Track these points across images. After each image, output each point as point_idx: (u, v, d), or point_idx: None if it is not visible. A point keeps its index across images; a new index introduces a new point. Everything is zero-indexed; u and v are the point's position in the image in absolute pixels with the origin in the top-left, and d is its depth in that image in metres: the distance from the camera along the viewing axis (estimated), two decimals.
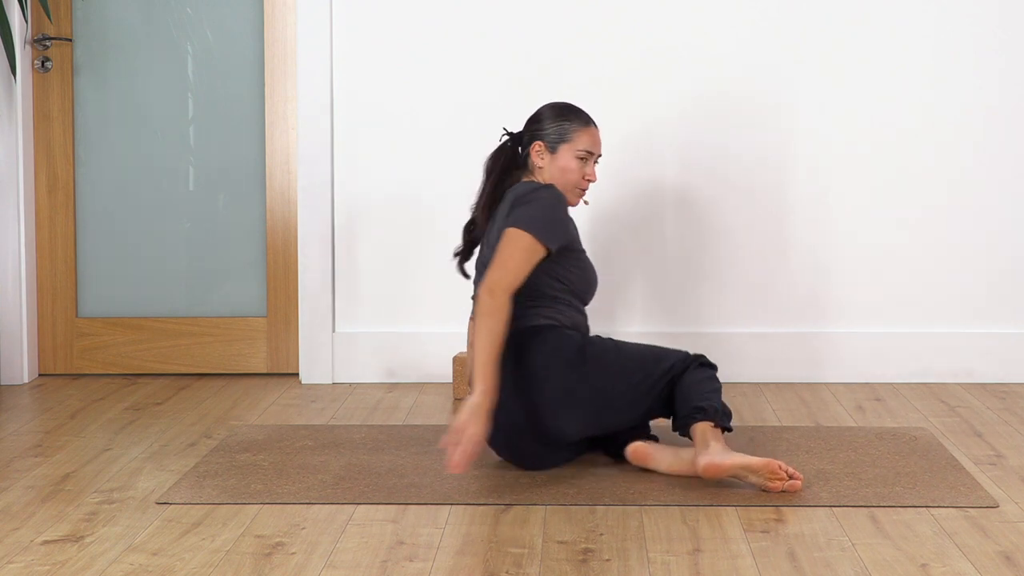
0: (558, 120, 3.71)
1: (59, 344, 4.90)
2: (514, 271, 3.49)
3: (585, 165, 3.70)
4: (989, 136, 4.71)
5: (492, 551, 2.99)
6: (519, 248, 3.51)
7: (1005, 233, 4.74)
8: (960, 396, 4.54)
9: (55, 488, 3.47)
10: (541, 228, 3.53)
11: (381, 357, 4.78)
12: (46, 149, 4.84)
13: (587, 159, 3.70)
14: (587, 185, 3.72)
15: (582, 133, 3.70)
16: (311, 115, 4.73)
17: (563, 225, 3.61)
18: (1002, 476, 3.58)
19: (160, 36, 4.84)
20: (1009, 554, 2.96)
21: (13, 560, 2.94)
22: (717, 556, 2.96)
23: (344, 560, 2.94)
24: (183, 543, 3.05)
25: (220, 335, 4.89)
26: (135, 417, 4.27)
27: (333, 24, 4.73)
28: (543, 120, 3.73)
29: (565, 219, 3.63)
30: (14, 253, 4.76)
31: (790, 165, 4.73)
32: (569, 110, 3.74)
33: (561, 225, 3.60)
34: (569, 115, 3.72)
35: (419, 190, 4.76)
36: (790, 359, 4.76)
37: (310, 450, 3.82)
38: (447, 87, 4.74)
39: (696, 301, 4.76)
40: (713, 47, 4.70)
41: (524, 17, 4.71)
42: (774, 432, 4.01)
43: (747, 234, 4.74)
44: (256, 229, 4.88)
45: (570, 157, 3.69)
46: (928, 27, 4.69)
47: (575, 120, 3.71)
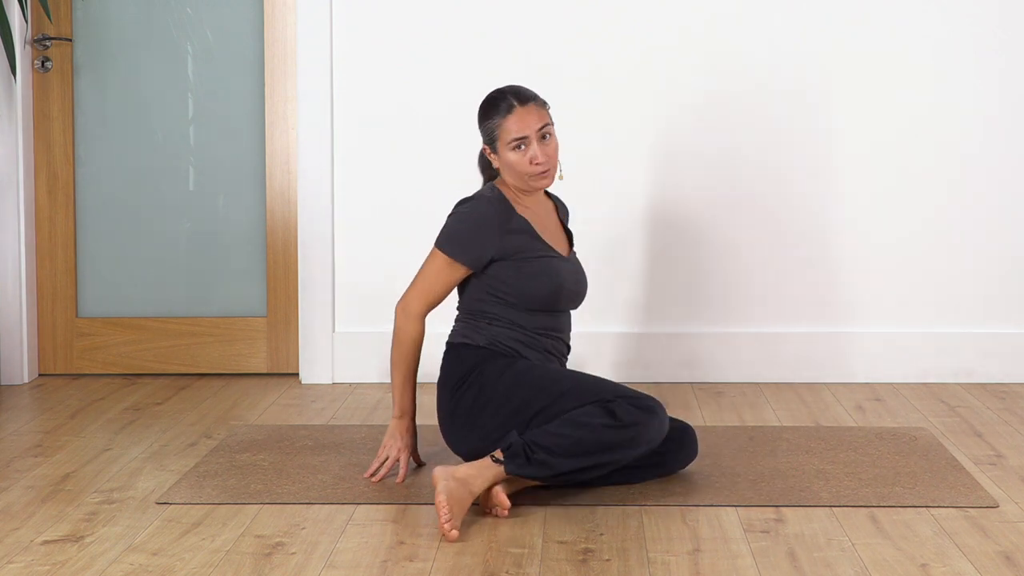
0: (484, 121, 3.51)
1: (59, 344, 4.90)
2: (424, 290, 3.53)
3: (526, 151, 3.45)
4: (989, 137, 4.71)
5: (492, 551, 2.99)
6: (431, 266, 3.53)
7: (1005, 233, 4.74)
8: (960, 396, 4.54)
9: (55, 488, 3.47)
10: (453, 244, 3.49)
11: (381, 357, 4.78)
12: (46, 149, 4.84)
13: (524, 144, 3.45)
14: (538, 169, 3.46)
15: (504, 122, 3.46)
16: (311, 115, 4.73)
17: (477, 239, 3.46)
18: (1002, 476, 3.58)
19: (160, 36, 4.84)
20: (1009, 554, 2.96)
21: (13, 560, 2.94)
22: (717, 556, 2.96)
23: (344, 560, 2.94)
24: (183, 543, 3.04)
25: (220, 335, 4.89)
26: (135, 417, 4.27)
27: (333, 24, 4.73)
28: (478, 125, 3.55)
29: (481, 232, 3.46)
30: (14, 253, 4.76)
31: (791, 165, 4.72)
32: (489, 105, 3.51)
33: (474, 239, 3.47)
34: (489, 111, 3.50)
35: (419, 190, 4.76)
36: (790, 359, 4.76)
37: (310, 450, 3.82)
38: (447, 87, 4.74)
39: (696, 301, 4.76)
40: (714, 47, 4.69)
41: (524, 17, 4.71)
42: (774, 432, 4.01)
43: (747, 234, 4.74)
44: (256, 229, 4.88)
45: (507, 152, 3.47)
46: (929, 27, 4.68)
47: (494, 113, 3.49)
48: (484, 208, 3.50)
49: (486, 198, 3.52)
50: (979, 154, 4.71)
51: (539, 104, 3.51)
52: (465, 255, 3.48)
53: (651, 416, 3.33)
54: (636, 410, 3.31)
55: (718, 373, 4.76)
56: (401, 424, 3.56)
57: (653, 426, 3.33)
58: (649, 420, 3.32)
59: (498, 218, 3.49)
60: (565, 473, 3.27)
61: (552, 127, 3.51)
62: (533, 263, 3.50)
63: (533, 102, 3.50)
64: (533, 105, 3.49)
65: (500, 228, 3.48)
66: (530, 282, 3.49)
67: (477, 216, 3.49)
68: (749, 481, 3.50)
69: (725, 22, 4.69)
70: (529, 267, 3.50)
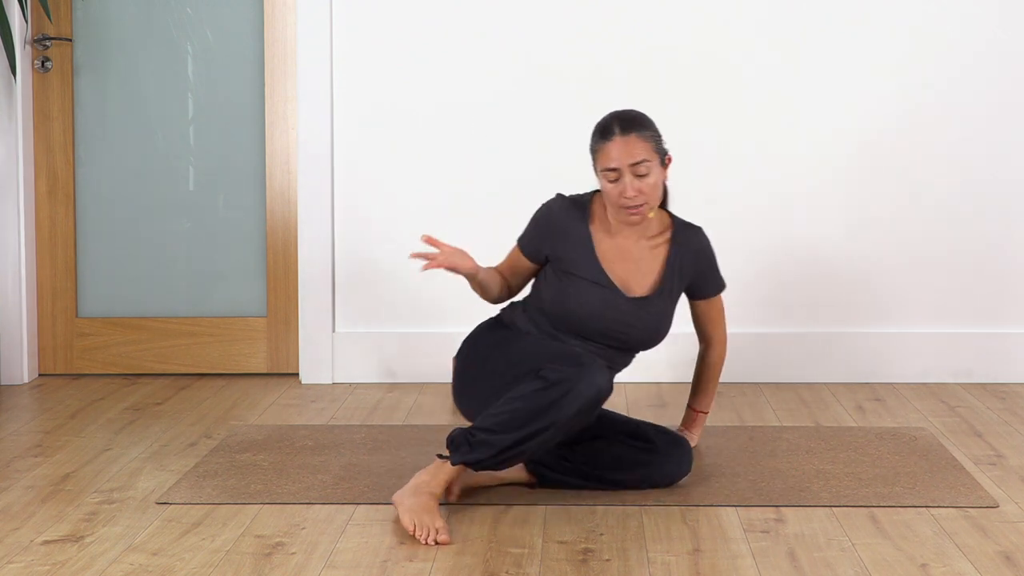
0: (591, 143, 3.43)
1: (59, 344, 4.90)
2: (505, 264, 3.59)
3: (618, 184, 3.34)
4: (989, 137, 4.71)
5: (492, 551, 2.99)
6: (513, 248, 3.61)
7: (1005, 233, 4.74)
8: (960, 396, 4.54)
9: (55, 488, 3.47)
10: (523, 232, 3.56)
11: (381, 357, 4.78)
12: (46, 149, 4.84)
13: (618, 176, 3.35)
14: (630, 203, 3.35)
15: (602, 149, 3.37)
16: (311, 115, 4.73)
17: (535, 234, 3.50)
18: (1002, 476, 3.58)
19: (160, 36, 4.84)
20: (1009, 554, 2.96)
21: (13, 560, 2.94)
22: (717, 556, 2.96)
23: (344, 560, 2.94)
24: (183, 543, 3.05)
25: (220, 335, 4.89)
26: (135, 417, 4.27)
27: (333, 24, 4.73)
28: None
29: (539, 229, 3.49)
30: (14, 253, 4.76)
31: (790, 164, 4.73)
32: (598, 126, 3.42)
33: (533, 233, 3.51)
34: (596, 132, 3.41)
35: (419, 190, 4.76)
36: (790, 359, 4.76)
37: (310, 450, 3.82)
38: (447, 87, 4.74)
39: None
40: (714, 46, 4.70)
41: (524, 17, 4.71)
42: (774, 432, 4.01)
43: (747, 233, 4.74)
44: (256, 229, 4.88)
45: (603, 180, 3.38)
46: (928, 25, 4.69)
47: (596, 137, 3.40)
48: (555, 207, 3.50)
49: (570, 198, 3.51)
50: (979, 155, 4.71)
51: (644, 136, 3.38)
52: (526, 245, 3.54)
53: (580, 369, 3.20)
54: (564, 367, 3.21)
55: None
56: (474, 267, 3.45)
57: (583, 379, 3.18)
58: (578, 374, 3.18)
59: (560, 221, 3.47)
60: (511, 447, 3.18)
61: (652, 163, 3.36)
62: (578, 283, 3.45)
63: (637, 133, 3.36)
64: (635, 137, 3.35)
65: (556, 231, 3.47)
66: (555, 296, 3.46)
67: (545, 212, 3.51)
68: (749, 481, 3.50)
69: (725, 22, 4.69)
70: (571, 284, 3.45)
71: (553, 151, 4.72)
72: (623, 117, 3.40)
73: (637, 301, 3.47)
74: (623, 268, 3.47)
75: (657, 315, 3.49)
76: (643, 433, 3.45)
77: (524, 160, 4.72)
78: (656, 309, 3.49)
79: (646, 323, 3.48)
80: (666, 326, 3.53)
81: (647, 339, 3.51)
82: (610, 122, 3.39)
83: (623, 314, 3.45)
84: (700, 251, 3.56)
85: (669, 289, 3.51)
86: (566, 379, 3.18)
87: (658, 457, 3.42)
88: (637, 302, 3.47)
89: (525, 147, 4.72)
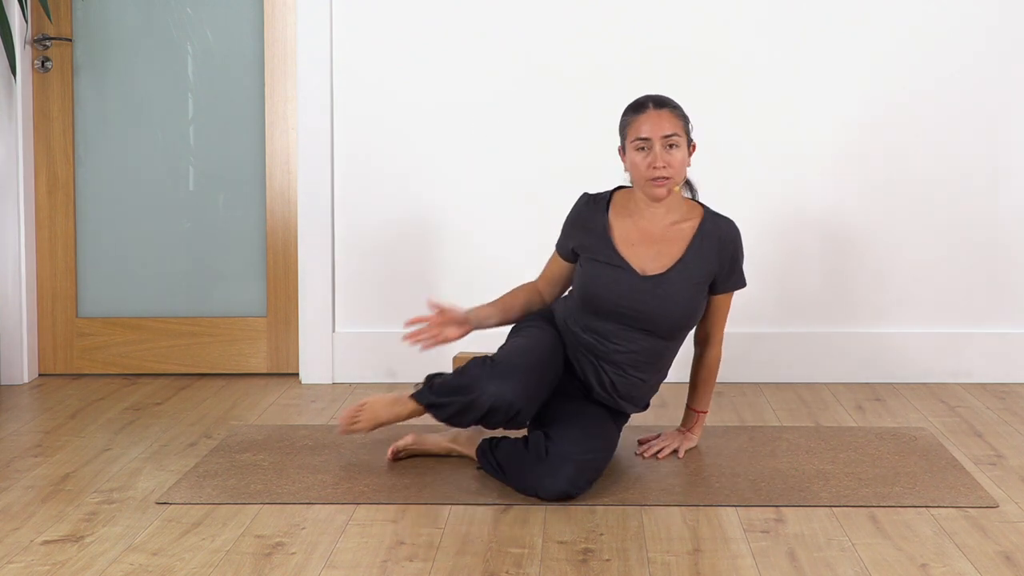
0: (621, 119, 3.56)
1: (59, 344, 4.89)
2: (542, 273, 3.75)
3: (647, 154, 3.47)
4: (989, 137, 4.71)
5: (492, 551, 2.99)
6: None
7: (1005, 233, 4.74)
8: (960, 396, 4.54)
9: (55, 488, 3.47)
10: (559, 237, 3.70)
11: (381, 357, 4.78)
12: (46, 149, 4.84)
13: (647, 147, 3.47)
14: (657, 173, 3.46)
15: (634, 121, 3.50)
16: (311, 115, 4.73)
17: (565, 231, 3.66)
18: (1002, 476, 3.58)
19: (160, 36, 4.84)
20: (1009, 554, 2.96)
21: (13, 560, 2.94)
22: (717, 556, 2.96)
23: (344, 560, 2.94)
24: (183, 543, 3.05)
25: (220, 335, 4.89)
26: (135, 417, 4.27)
27: (333, 24, 4.73)
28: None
29: (568, 225, 3.65)
30: (14, 253, 4.76)
31: (791, 164, 4.73)
32: (630, 104, 3.57)
33: (564, 231, 3.67)
34: (628, 109, 3.56)
35: (419, 190, 4.76)
36: (790, 359, 4.76)
37: (310, 450, 3.82)
38: (447, 87, 4.74)
39: None
40: (714, 46, 4.70)
41: (524, 17, 4.71)
42: (774, 432, 4.01)
43: (746, 233, 4.73)
44: (256, 229, 4.88)
45: (632, 152, 3.50)
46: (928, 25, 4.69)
47: (628, 112, 3.54)
48: (579, 204, 3.67)
49: (592, 195, 3.67)
50: (979, 154, 4.71)
51: (676, 114, 3.52)
52: (560, 246, 3.69)
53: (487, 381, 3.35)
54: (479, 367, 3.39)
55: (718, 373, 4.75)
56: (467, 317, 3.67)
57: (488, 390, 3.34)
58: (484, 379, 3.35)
59: (582, 215, 3.63)
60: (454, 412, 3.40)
61: (682, 139, 3.50)
62: (595, 266, 3.57)
63: (670, 109, 3.51)
64: (668, 111, 3.50)
65: (579, 225, 3.62)
66: (587, 281, 3.58)
67: (571, 211, 3.68)
68: (749, 481, 3.50)
69: (725, 22, 4.69)
70: (589, 267, 3.58)
71: (553, 151, 4.72)
72: (658, 97, 3.56)
73: (651, 279, 3.53)
74: (643, 250, 3.56)
75: (673, 293, 3.52)
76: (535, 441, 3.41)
77: (524, 160, 4.72)
78: (672, 287, 3.52)
79: (661, 300, 3.52)
80: (686, 304, 3.54)
81: (663, 316, 3.52)
82: (645, 100, 3.54)
83: (635, 291, 3.51)
84: (728, 240, 3.60)
85: (688, 269, 3.55)
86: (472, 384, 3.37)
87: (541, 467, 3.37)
88: (651, 280, 3.53)
89: (525, 147, 4.72)
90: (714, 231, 3.57)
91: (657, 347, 3.58)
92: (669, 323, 3.54)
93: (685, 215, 3.59)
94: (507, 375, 3.35)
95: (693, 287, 3.55)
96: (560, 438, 3.38)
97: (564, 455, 3.35)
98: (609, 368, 3.57)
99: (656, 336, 3.56)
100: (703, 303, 3.59)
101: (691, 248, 3.55)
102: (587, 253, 3.59)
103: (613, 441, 3.55)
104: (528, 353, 3.44)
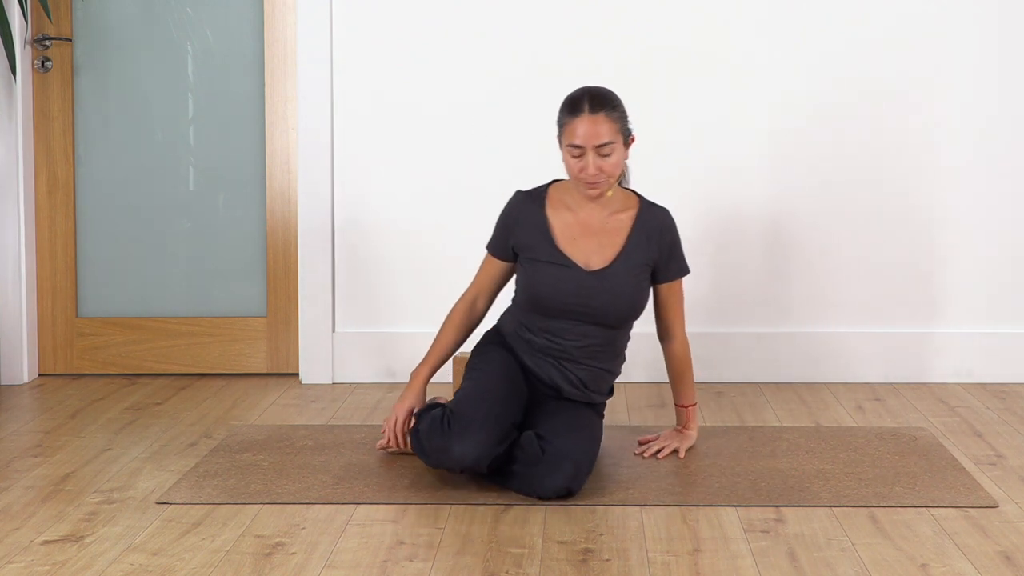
0: (559, 113, 3.52)
1: (59, 344, 4.89)
2: (475, 280, 3.72)
3: (581, 161, 3.45)
4: (989, 137, 4.71)
5: (492, 551, 2.99)
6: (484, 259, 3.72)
7: (1005, 233, 4.74)
8: (960, 396, 4.54)
9: (55, 488, 3.47)
10: (491, 239, 3.68)
11: (381, 357, 4.78)
12: (46, 149, 4.84)
13: (581, 154, 3.45)
14: (588, 179, 3.45)
15: (569, 124, 3.46)
16: (311, 115, 4.73)
17: (500, 230, 3.64)
18: (1002, 476, 3.58)
19: (160, 36, 4.84)
20: (1009, 554, 2.96)
21: (13, 560, 2.94)
22: (717, 556, 2.96)
23: (344, 560, 2.94)
24: (183, 543, 3.04)
25: (220, 335, 4.89)
26: (135, 417, 4.27)
27: (333, 24, 4.73)
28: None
29: (501, 223, 3.63)
30: (14, 253, 4.76)
31: (791, 164, 4.72)
32: (568, 100, 3.50)
33: (498, 231, 3.65)
34: (565, 106, 3.49)
35: (419, 190, 4.76)
36: (790, 359, 4.76)
37: (310, 450, 3.82)
38: (447, 87, 4.74)
39: (696, 301, 4.75)
40: (714, 46, 4.69)
41: (524, 17, 4.71)
42: (774, 432, 4.01)
43: (746, 233, 4.74)
44: (256, 229, 4.88)
45: (565, 152, 3.49)
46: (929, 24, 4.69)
47: (565, 111, 3.48)
48: (513, 202, 3.65)
49: (526, 192, 3.65)
50: (980, 154, 4.71)
51: (611, 117, 3.45)
52: (494, 246, 3.67)
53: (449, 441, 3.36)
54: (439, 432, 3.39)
55: (718, 373, 4.76)
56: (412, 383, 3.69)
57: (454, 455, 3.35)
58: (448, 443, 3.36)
59: (518, 213, 3.62)
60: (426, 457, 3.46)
61: (617, 143, 3.46)
62: (538, 266, 3.57)
63: (605, 113, 3.44)
64: (604, 117, 3.44)
65: (516, 223, 3.61)
66: (530, 280, 3.58)
67: (505, 210, 3.66)
68: (749, 481, 3.50)
69: (725, 21, 4.68)
70: (533, 268, 3.58)
71: (553, 151, 4.69)
72: (594, 94, 3.47)
73: (596, 274, 3.56)
74: (584, 244, 3.57)
75: (619, 284, 3.56)
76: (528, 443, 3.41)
77: (524, 160, 4.72)
78: (618, 280, 3.56)
79: (609, 293, 3.55)
80: (632, 294, 3.57)
81: (613, 308, 3.56)
82: (580, 97, 3.47)
83: (582, 288, 3.54)
84: (664, 228, 3.63)
85: (631, 259, 3.58)
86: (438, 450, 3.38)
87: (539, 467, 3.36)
88: (596, 275, 3.56)
89: (525, 147, 4.72)
90: (651, 220, 3.61)
91: (609, 336, 3.61)
92: (617, 314, 3.57)
93: (622, 205, 3.62)
94: (466, 432, 3.34)
95: (636, 276, 3.59)
96: (553, 436, 3.39)
97: (561, 452, 3.35)
98: (571, 366, 3.59)
99: (606, 326, 3.59)
100: (647, 290, 3.63)
101: (631, 238, 3.59)
102: (528, 253, 3.59)
103: (600, 430, 3.62)
104: (483, 399, 3.41)
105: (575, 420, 3.50)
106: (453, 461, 3.34)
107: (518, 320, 3.64)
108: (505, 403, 3.43)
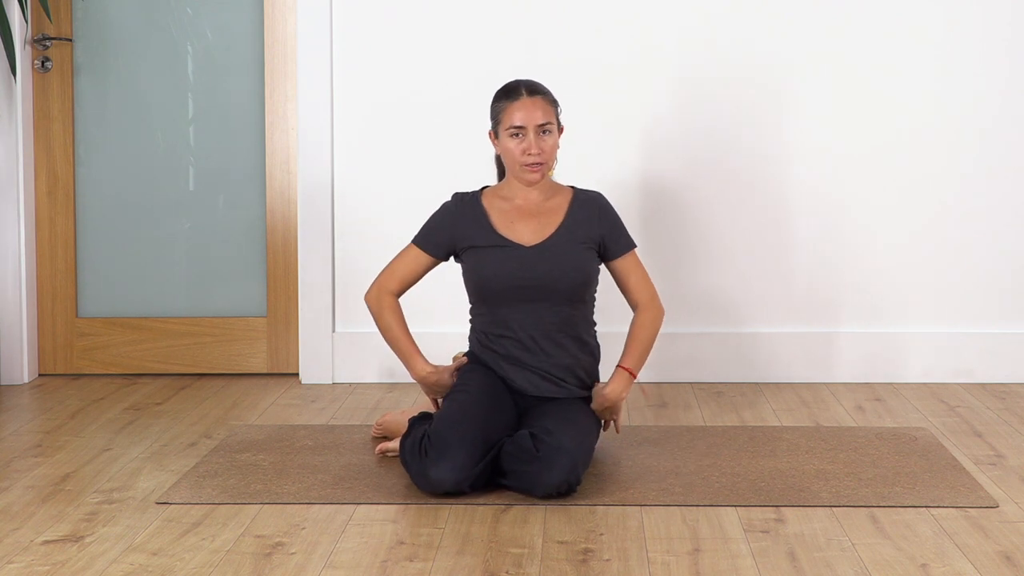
0: (494, 103, 3.62)
1: (59, 344, 4.90)
2: (389, 270, 3.75)
3: (522, 141, 3.56)
4: (991, 137, 4.71)
5: (492, 551, 2.99)
6: (403, 251, 3.75)
7: (1006, 233, 4.74)
8: (960, 396, 4.54)
9: (55, 488, 3.47)
10: (420, 234, 3.72)
11: (381, 357, 4.78)
12: (46, 149, 4.84)
13: (522, 134, 3.56)
14: (532, 160, 3.57)
15: (507, 108, 3.58)
16: (311, 115, 4.73)
17: (434, 226, 3.69)
18: (1002, 476, 3.58)
19: (160, 36, 4.84)
20: (1009, 554, 2.96)
21: (13, 560, 2.94)
22: (717, 556, 2.96)
23: (344, 560, 2.94)
24: (183, 543, 3.05)
25: (220, 335, 4.89)
26: (135, 417, 4.27)
27: (333, 24, 4.73)
28: (490, 107, 3.68)
29: (440, 221, 3.68)
30: (14, 253, 4.76)
31: (791, 162, 4.73)
32: (502, 90, 3.63)
33: (431, 226, 3.70)
34: (499, 95, 3.62)
35: (419, 190, 4.76)
36: (790, 359, 4.76)
37: (310, 450, 3.82)
38: (447, 87, 4.74)
39: (696, 301, 4.76)
40: (713, 45, 4.69)
41: (524, 17, 4.71)
42: (774, 432, 4.01)
43: (746, 232, 4.74)
44: (256, 229, 4.88)
45: (506, 138, 3.58)
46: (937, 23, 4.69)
47: (502, 98, 3.60)
48: (451, 202, 3.71)
49: (460, 194, 3.73)
50: (981, 155, 4.71)
51: (548, 101, 3.61)
52: (424, 242, 3.70)
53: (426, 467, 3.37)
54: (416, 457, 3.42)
55: (718, 373, 4.76)
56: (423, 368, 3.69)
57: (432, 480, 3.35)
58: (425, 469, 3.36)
59: (457, 210, 3.68)
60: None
61: (554, 125, 3.61)
62: (480, 252, 3.64)
63: (542, 97, 3.60)
64: (541, 99, 3.59)
65: (455, 219, 3.67)
66: (475, 269, 3.64)
67: (442, 209, 3.72)
68: (749, 481, 3.50)
69: (725, 19, 4.68)
70: (475, 256, 3.64)
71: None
72: (530, 84, 3.63)
73: (536, 247, 3.62)
74: (522, 226, 3.65)
75: (560, 255, 3.61)
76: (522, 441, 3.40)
77: None
78: (559, 250, 3.61)
79: (549, 263, 3.60)
80: (577, 264, 3.61)
81: (560, 279, 3.59)
82: (516, 85, 3.62)
83: (524, 263, 3.60)
84: (603, 207, 3.70)
85: (571, 232, 3.63)
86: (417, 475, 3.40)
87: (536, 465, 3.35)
88: (536, 248, 3.62)
89: None
90: (587, 200, 3.69)
91: (564, 314, 3.62)
92: (565, 285, 3.60)
93: (557, 191, 3.71)
94: (442, 457, 3.34)
95: (579, 248, 3.62)
96: (546, 433, 3.39)
97: (556, 448, 3.35)
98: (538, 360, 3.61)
99: (559, 303, 3.60)
100: (592, 263, 3.65)
101: (569, 215, 3.66)
102: (468, 243, 3.65)
103: (596, 422, 3.62)
104: (458, 423, 3.40)
105: (566, 414, 3.51)
106: (432, 486, 3.35)
107: (478, 331, 3.69)
108: (483, 424, 3.41)
